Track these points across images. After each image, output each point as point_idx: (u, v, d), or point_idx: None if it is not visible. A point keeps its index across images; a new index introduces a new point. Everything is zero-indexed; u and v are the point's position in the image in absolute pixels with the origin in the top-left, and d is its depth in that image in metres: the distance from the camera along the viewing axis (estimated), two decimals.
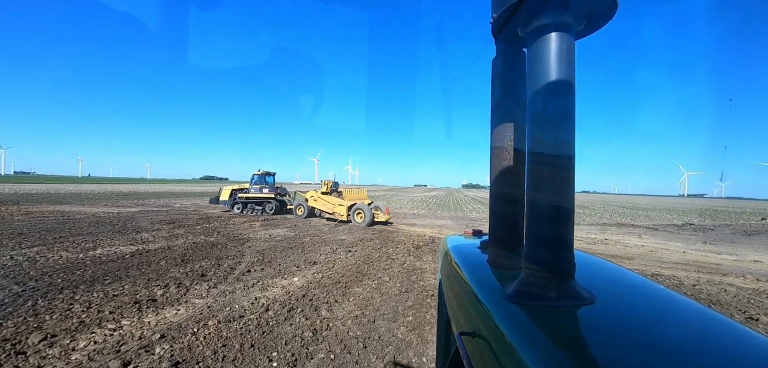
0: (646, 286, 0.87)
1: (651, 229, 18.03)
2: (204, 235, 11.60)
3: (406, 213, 25.21)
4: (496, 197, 1.13)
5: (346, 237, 12.15)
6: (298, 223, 16.05)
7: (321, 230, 13.90)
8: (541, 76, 0.76)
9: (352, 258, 8.67)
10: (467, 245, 1.41)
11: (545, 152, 0.79)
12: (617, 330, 0.66)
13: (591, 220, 23.65)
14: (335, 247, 10.11)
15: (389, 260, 8.59)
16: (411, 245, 10.93)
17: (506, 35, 0.96)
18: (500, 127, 1.06)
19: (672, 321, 0.69)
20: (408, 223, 17.97)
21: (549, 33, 0.76)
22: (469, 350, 0.80)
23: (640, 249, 11.90)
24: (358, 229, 14.52)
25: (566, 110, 0.76)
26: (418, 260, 8.72)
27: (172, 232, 11.98)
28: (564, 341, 0.63)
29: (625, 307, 0.77)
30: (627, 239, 13.89)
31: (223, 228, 13.42)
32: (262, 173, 19.90)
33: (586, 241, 13.21)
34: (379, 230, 14.59)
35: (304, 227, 14.72)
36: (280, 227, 14.19)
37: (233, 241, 10.70)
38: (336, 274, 7.15)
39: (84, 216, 15.74)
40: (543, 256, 0.80)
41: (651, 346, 0.58)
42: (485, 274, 1.04)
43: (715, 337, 0.63)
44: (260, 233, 12.51)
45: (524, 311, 0.71)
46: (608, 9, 0.79)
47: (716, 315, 0.69)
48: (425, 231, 14.78)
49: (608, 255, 10.71)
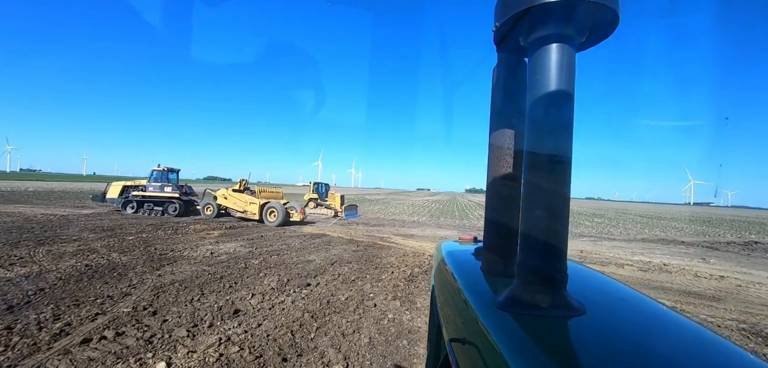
0: (637, 299, 0.88)
1: (708, 248, 14.59)
2: (120, 252, 8.42)
3: (404, 220, 21.91)
4: (492, 204, 1.08)
5: (314, 258, 8.91)
6: (266, 234, 12.83)
7: (289, 246, 10.67)
8: (542, 87, 0.75)
9: (300, 304, 5.40)
10: (461, 252, 1.42)
11: (542, 161, 0.77)
12: (606, 342, 0.67)
13: (621, 234, 20.18)
14: (290, 277, 6.87)
15: (360, 309, 5.34)
16: (402, 273, 7.67)
17: (508, 44, 0.93)
18: (499, 134, 1.04)
19: (661, 335, 0.71)
20: (405, 234, 14.70)
21: (550, 44, 0.75)
22: (459, 357, 0.82)
23: (721, 282, 8.56)
24: (337, 244, 11.28)
25: (565, 121, 0.75)
26: (410, 310, 5.46)
27: (84, 246, 8.81)
28: (553, 350, 0.63)
29: (615, 319, 0.79)
30: (691, 265, 10.52)
31: (161, 241, 10.24)
32: (164, 169, 17.79)
33: (640, 267, 9.86)
34: (365, 245, 11.35)
35: (266, 241, 11.48)
36: (236, 241, 10.98)
37: (152, 262, 7.51)
38: (255, 345, 3.94)
39: (4, 222, 12.64)
40: (536, 265, 0.77)
41: (639, 359, 0.59)
42: (478, 281, 1.05)
43: (703, 353, 0.64)
44: (202, 249, 9.31)
45: (515, 319, 0.72)
46: (610, 22, 0.77)
47: (706, 332, 0.69)
48: (424, 247, 11.52)
49: (682, 292, 7.41)
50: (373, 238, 13.17)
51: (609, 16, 0.74)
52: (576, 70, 0.76)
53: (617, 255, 11.60)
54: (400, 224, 19.24)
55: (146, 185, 17.54)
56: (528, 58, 0.81)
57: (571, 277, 0.77)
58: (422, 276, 7.48)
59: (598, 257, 10.98)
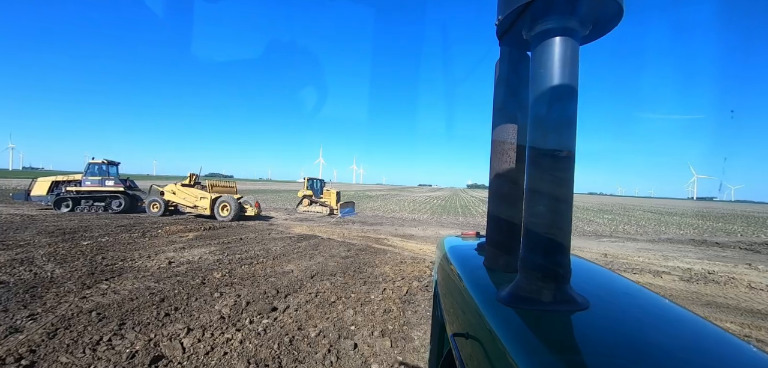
0: (640, 293, 0.87)
1: (747, 250, 12.95)
2: (60, 262, 6.96)
3: (404, 219, 20.41)
4: (495, 200, 1.09)
5: (292, 268, 7.41)
6: (247, 237, 11.35)
7: (268, 251, 9.19)
8: (545, 80, 0.75)
9: (251, 345, 3.90)
10: (464, 247, 1.40)
11: (545, 156, 0.76)
12: (609, 336, 0.66)
13: (639, 233, 18.58)
14: (252, 298, 5.38)
15: (333, 354, 3.84)
16: (396, 290, 6.16)
17: (511, 38, 0.93)
18: (502, 129, 1.04)
19: (664, 329, 0.69)
20: (403, 234, 13.21)
21: (554, 37, 0.74)
22: (462, 352, 0.81)
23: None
24: (325, 248, 9.79)
25: (568, 114, 0.74)
26: (404, 352, 3.96)
27: (24, 254, 7.36)
28: (556, 345, 0.62)
29: (618, 313, 0.78)
30: (738, 273, 8.95)
31: (119, 247, 8.78)
32: (102, 161, 16.49)
33: (680, 275, 8.29)
34: (358, 248, 9.87)
35: (243, 247, 10.01)
36: (208, 246, 9.50)
37: (91, 276, 6.04)
38: None
39: None
40: (539, 260, 0.76)
41: (642, 353, 0.58)
42: (481, 276, 1.04)
43: (706, 347, 0.62)
44: (161, 257, 7.84)
45: (518, 314, 0.71)
46: (614, 15, 0.77)
47: (709, 325, 0.68)
48: (425, 251, 10.02)
49: (743, 310, 5.89)
50: (367, 240, 11.69)
51: (613, 8, 0.74)
52: (580, 63, 0.73)
53: (648, 260, 10.06)
54: (399, 223, 17.75)
55: (82, 180, 16.14)
56: (531, 51, 0.80)
57: (574, 272, 0.76)
58: (422, 294, 5.98)
59: (627, 263, 9.45)
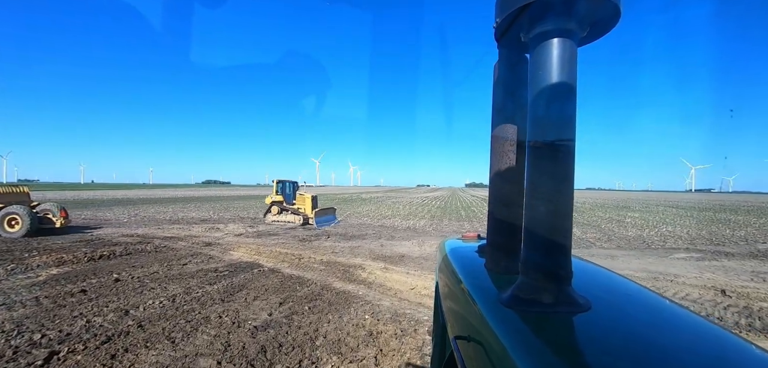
0: (642, 294, 0.86)
1: None
2: None
3: (395, 227, 16.75)
4: (495, 201, 1.09)
5: (155, 357, 3.81)
6: (136, 273, 7.71)
7: (125, 312, 5.57)
8: (543, 82, 0.74)
9: None
10: (465, 249, 1.40)
11: (545, 157, 0.76)
12: (612, 338, 0.66)
13: (681, 234, 15.01)
14: None
15: None
16: None
17: (509, 40, 0.92)
18: (501, 130, 1.03)
19: (667, 330, 0.69)
20: (389, 255, 9.54)
21: (552, 39, 0.74)
22: (464, 354, 0.81)
23: None
24: (255, 296, 6.18)
25: (567, 115, 0.74)
26: None
27: None
28: (559, 347, 0.63)
29: (620, 315, 0.77)
30: None
31: None
32: None
33: None
34: (302, 295, 6.26)
35: (95, 295, 6.38)
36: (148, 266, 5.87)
37: None
38: None
39: None
40: (540, 261, 0.76)
41: (645, 355, 0.58)
42: (482, 278, 1.04)
43: (710, 348, 0.62)
44: None
45: (520, 316, 0.71)
46: (611, 16, 0.77)
47: (712, 326, 0.67)
48: (420, 291, 6.40)
49: None
50: (333, 270, 8.07)
51: (610, 9, 0.74)
52: (578, 64, 0.75)
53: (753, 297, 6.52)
54: (388, 235, 14.11)
55: None
56: (529, 53, 0.81)
57: (576, 273, 0.77)
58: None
59: None
